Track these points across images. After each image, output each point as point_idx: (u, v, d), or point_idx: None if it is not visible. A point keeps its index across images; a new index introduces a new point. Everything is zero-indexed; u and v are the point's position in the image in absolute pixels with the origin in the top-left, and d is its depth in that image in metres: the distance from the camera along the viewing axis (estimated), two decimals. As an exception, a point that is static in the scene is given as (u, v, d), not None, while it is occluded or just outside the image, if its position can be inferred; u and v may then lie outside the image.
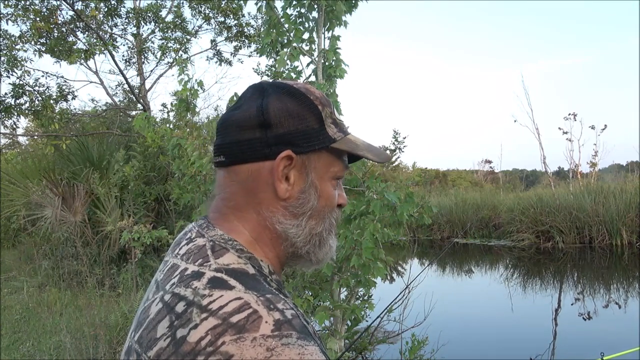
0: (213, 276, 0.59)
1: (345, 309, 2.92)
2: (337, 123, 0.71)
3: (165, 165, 7.03)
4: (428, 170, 24.03)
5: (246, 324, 0.53)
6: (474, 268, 9.82)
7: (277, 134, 0.65)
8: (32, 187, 7.41)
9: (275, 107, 0.66)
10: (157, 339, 0.56)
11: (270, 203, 0.67)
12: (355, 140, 0.72)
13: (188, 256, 0.64)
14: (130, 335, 0.63)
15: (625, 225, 10.06)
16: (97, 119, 10.44)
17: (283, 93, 0.68)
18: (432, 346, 3.89)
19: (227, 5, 9.85)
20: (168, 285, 0.62)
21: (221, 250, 0.64)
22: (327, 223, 0.72)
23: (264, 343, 0.51)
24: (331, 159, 0.70)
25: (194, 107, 3.91)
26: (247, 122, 0.66)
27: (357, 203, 2.95)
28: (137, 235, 4.35)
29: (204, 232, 0.67)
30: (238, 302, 0.55)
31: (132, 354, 0.59)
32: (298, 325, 0.55)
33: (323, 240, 0.71)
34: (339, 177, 0.72)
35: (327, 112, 0.69)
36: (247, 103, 0.68)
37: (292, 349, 0.52)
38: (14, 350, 4.29)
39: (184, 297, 0.58)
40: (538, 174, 23.61)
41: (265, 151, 0.65)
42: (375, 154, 0.73)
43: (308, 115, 0.67)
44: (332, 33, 3.07)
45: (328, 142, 0.68)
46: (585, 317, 5.59)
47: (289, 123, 0.66)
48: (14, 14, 8.07)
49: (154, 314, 0.59)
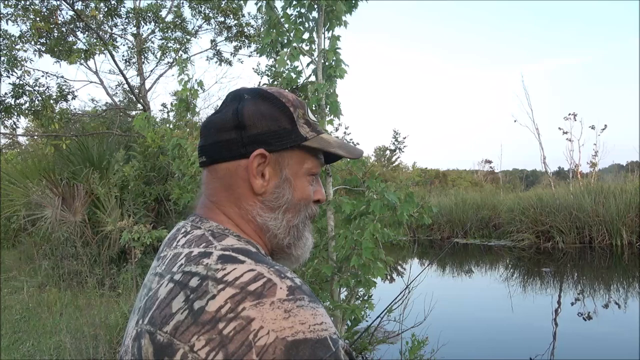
0: (221, 254, 0.63)
1: (345, 309, 2.92)
2: (310, 123, 0.76)
3: (165, 165, 7.03)
4: (428, 170, 24.04)
5: (263, 290, 0.57)
6: (474, 268, 9.82)
7: (251, 134, 0.71)
8: (32, 187, 7.40)
9: (249, 110, 0.72)
10: (173, 313, 0.58)
11: (249, 197, 0.73)
12: (328, 138, 0.77)
13: (190, 243, 0.68)
14: (137, 323, 0.63)
15: (625, 225, 10.05)
16: (97, 119, 10.44)
17: (257, 97, 0.74)
18: (432, 346, 3.88)
19: (227, 5, 9.85)
20: (175, 267, 0.64)
21: (221, 235, 0.68)
22: (302, 216, 0.77)
23: (281, 306, 0.56)
24: (304, 156, 0.75)
25: (194, 107, 3.92)
26: (225, 125, 0.72)
27: (357, 203, 2.95)
28: (137, 235, 4.35)
29: (199, 224, 0.72)
30: (252, 273, 0.59)
31: (144, 335, 0.60)
32: (307, 290, 0.61)
33: (299, 232, 0.77)
34: (314, 172, 0.77)
35: (300, 113, 0.75)
36: (226, 107, 0.75)
37: (306, 310, 0.57)
38: (14, 350, 4.28)
39: (197, 272, 0.61)
40: (538, 174, 23.61)
41: (241, 150, 0.71)
42: (347, 150, 0.79)
43: (280, 116, 0.73)
44: (332, 33, 3.07)
45: (300, 140, 0.73)
46: (585, 317, 5.59)
47: (262, 124, 0.72)
48: (14, 14, 8.07)
49: (164, 294, 0.62)
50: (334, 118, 3.01)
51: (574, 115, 12.79)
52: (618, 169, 15.06)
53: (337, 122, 2.95)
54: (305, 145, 0.74)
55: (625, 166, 15.50)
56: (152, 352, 0.58)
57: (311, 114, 0.78)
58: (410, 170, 23.28)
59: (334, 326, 0.60)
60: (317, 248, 3.10)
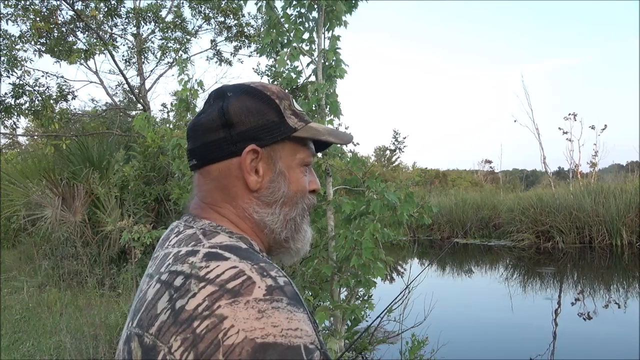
0: (208, 251, 0.62)
1: (345, 309, 2.91)
2: (297, 113, 0.75)
3: (165, 165, 7.02)
4: (428, 170, 24.05)
5: (241, 289, 0.55)
6: (474, 268, 9.81)
7: (239, 131, 0.70)
8: (32, 187, 7.40)
9: (235, 107, 0.71)
10: (158, 314, 0.57)
11: (244, 195, 0.71)
12: (317, 127, 0.76)
13: (180, 243, 0.67)
14: (128, 326, 0.63)
15: (625, 225, 10.05)
16: (97, 119, 10.44)
17: (241, 93, 0.73)
18: (432, 346, 3.88)
19: (227, 5, 9.85)
20: (163, 268, 0.63)
21: (212, 233, 0.67)
22: (300, 208, 0.76)
23: (255, 305, 0.54)
24: (296, 147, 0.74)
25: (194, 107, 3.91)
26: (212, 125, 0.71)
27: (357, 203, 2.95)
28: (137, 235, 4.35)
29: (191, 224, 0.71)
30: (234, 270, 0.58)
31: (133, 338, 0.59)
32: (289, 292, 0.58)
33: (297, 225, 0.76)
34: (307, 163, 0.76)
35: (286, 105, 0.74)
36: (211, 107, 0.73)
37: (281, 312, 0.55)
38: (14, 350, 4.28)
39: (182, 271, 0.60)
40: (538, 174, 23.60)
41: (232, 149, 0.70)
42: (337, 136, 0.78)
43: (267, 110, 0.72)
44: (332, 33, 3.06)
45: (289, 131, 0.72)
46: (585, 317, 5.59)
47: (250, 120, 0.70)
48: (14, 14, 8.07)
49: (152, 295, 0.60)
50: (334, 118, 3.00)
51: (574, 115, 12.80)
52: (618, 169, 15.06)
53: (337, 122, 2.93)
54: (295, 136, 0.73)
55: (625, 166, 15.50)
56: (140, 355, 0.57)
57: (296, 104, 0.77)
58: (410, 170, 23.29)
59: (314, 334, 0.57)
60: (317, 248, 3.10)
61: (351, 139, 0.81)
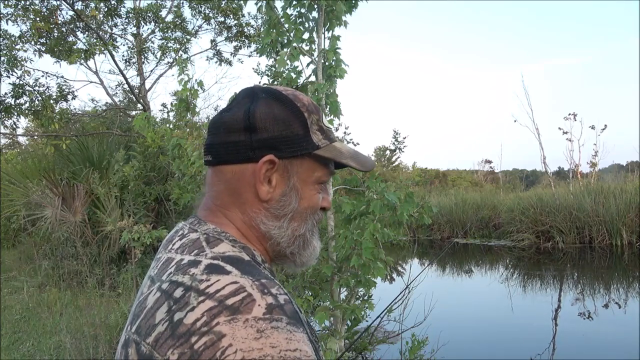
0: (210, 263, 0.61)
1: (345, 309, 2.92)
2: (324, 130, 0.73)
3: (165, 165, 7.03)
4: (428, 170, 24.04)
5: (240, 306, 0.54)
6: (474, 268, 9.82)
7: (261, 138, 0.68)
8: (32, 187, 7.40)
9: (261, 112, 0.68)
10: (156, 324, 0.57)
11: (254, 204, 0.70)
12: (341, 147, 0.74)
13: (183, 249, 0.66)
14: (127, 329, 0.63)
15: (625, 225, 10.05)
16: (97, 119, 10.44)
17: (271, 98, 0.70)
18: (432, 346, 3.88)
19: (227, 5, 9.85)
20: (165, 276, 0.63)
21: (215, 240, 0.66)
22: (310, 224, 0.74)
23: (255, 325, 0.53)
24: (315, 165, 0.72)
25: (194, 107, 3.92)
26: (234, 125, 0.69)
27: (357, 203, 2.95)
28: (137, 235, 4.35)
29: (196, 227, 0.69)
30: (234, 286, 0.57)
31: (131, 344, 0.60)
32: (290, 310, 0.57)
33: (307, 241, 0.74)
34: (323, 181, 0.74)
35: (314, 119, 0.71)
36: (237, 106, 0.71)
37: (280, 332, 0.54)
38: (14, 350, 4.28)
39: (182, 283, 0.59)
40: (538, 174, 23.59)
41: (249, 154, 0.68)
42: (359, 162, 0.75)
43: (293, 121, 0.69)
44: (332, 33, 3.06)
45: (311, 148, 0.70)
46: (585, 317, 5.59)
47: (274, 128, 0.68)
48: (14, 14, 8.07)
49: (152, 303, 0.60)
50: (334, 118, 3.01)
51: (574, 115, 12.81)
52: (618, 169, 15.06)
53: (337, 122, 2.95)
54: (317, 154, 0.71)
55: (625, 166, 15.51)
56: None
57: (326, 120, 0.74)
58: (410, 170, 23.28)
59: (313, 355, 0.56)
60: (317, 248, 3.10)
61: (373, 166, 0.78)
